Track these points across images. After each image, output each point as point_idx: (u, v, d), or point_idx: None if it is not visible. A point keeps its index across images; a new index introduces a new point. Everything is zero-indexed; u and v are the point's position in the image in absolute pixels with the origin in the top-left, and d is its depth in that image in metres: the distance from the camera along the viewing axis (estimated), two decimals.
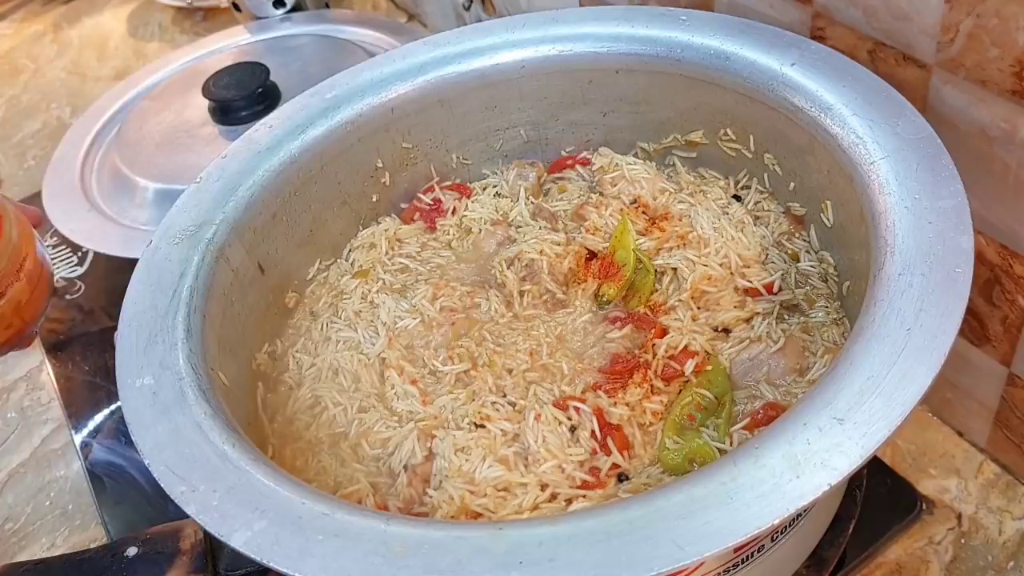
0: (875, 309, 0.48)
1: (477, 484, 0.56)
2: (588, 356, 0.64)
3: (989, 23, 0.55)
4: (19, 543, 0.83)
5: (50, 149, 1.11)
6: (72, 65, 1.56)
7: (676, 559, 0.40)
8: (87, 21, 1.68)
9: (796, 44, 0.65)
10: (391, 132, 0.76)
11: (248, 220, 0.67)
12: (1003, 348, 0.67)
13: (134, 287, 0.61)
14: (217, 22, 1.55)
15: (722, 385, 0.60)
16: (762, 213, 0.71)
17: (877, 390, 0.44)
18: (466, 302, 0.69)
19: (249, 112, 0.99)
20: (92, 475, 0.85)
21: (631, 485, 0.55)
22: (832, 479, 0.42)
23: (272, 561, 0.43)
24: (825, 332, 0.62)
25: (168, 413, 0.52)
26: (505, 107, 0.78)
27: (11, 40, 1.68)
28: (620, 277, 0.68)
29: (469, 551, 0.42)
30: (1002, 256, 0.63)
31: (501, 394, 0.62)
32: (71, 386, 0.96)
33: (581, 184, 0.79)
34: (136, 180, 0.99)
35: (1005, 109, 0.57)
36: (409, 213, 0.79)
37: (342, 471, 0.60)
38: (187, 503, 0.47)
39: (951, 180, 0.53)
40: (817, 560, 0.65)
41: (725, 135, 0.72)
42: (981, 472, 0.74)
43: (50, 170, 1.05)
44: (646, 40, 0.71)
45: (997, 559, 0.68)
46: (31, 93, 1.51)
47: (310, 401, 0.65)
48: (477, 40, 0.75)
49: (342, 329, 0.69)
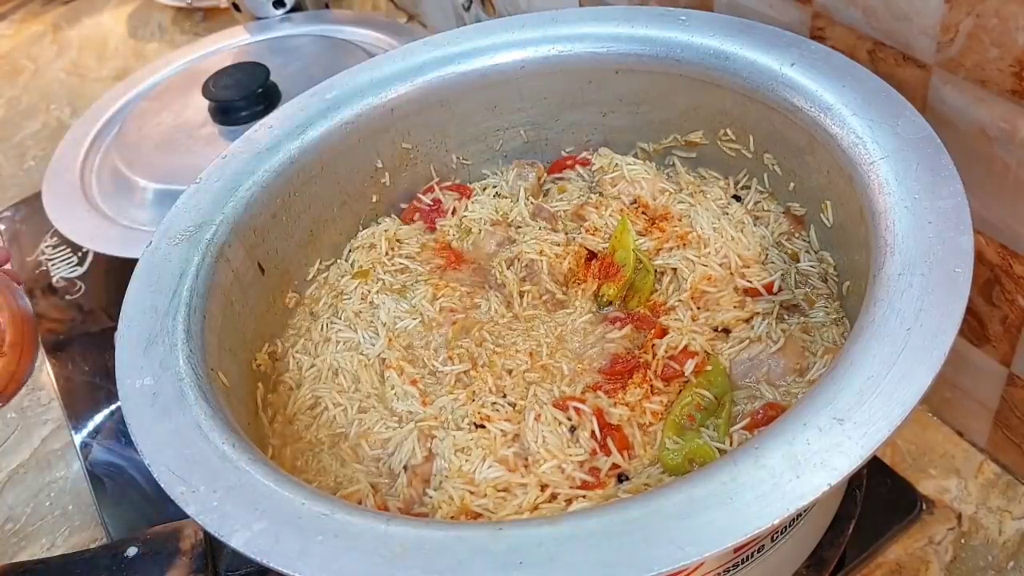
0: (875, 309, 0.48)
1: (477, 484, 0.56)
2: (588, 356, 0.64)
3: (989, 23, 0.55)
4: (19, 543, 0.83)
5: (50, 149, 1.11)
6: (72, 66, 1.56)
7: (676, 559, 0.40)
8: (87, 21, 1.68)
9: (796, 44, 0.65)
10: (391, 132, 0.76)
11: (248, 220, 0.67)
12: (1003, 348, 0.67)
13: (134, 287, 0.61)
14: (217, 22, 1.55)
15: (722, 385, 0.60)
16: (762, 213, 0.71)
17: (877, 390, 0.44)
18: (466, 302, 0.69)
19: (249, 112, 1.00)
20: (92, 475, 0.85)
21: (631, 485, 0.55)
22: (832, 479, 0.42)
23: (272, 561, 0.43)
24: (825, 332, 0.62)
25: (168, 413, 0.52)
26: (505, 107, 0.78)
27: (11, 40, 1.68)
28: (620, 277, 0.68)
29: (469, 551, 0.42)
30: (1002, 256, 0.63)
31: (501, 394, 0.62)
32: (71, 386, 0.96)
33: (581, 184, 0.79)
34: (136, 180, 0.99)
35: (1005, 109, 0.57)
36: (409, 213, 0.79)
37: (342, 471, 0.60)
38: (187, 503, 0.47)
39: (951, 180, 0.53)
40: (817, 560, 0.65)
41: (725, 135, 0.72)
42: (981, 472, 0.74)
43: (50, 170, 1.05)
44: (646, 40, 0.71)
45: (997, 559, 0.68)
46: (31, 93, 1.51)
47: (310, 401, 0.65)
48: (477, 40, 0.75)
49: (342, 330, 0.69)
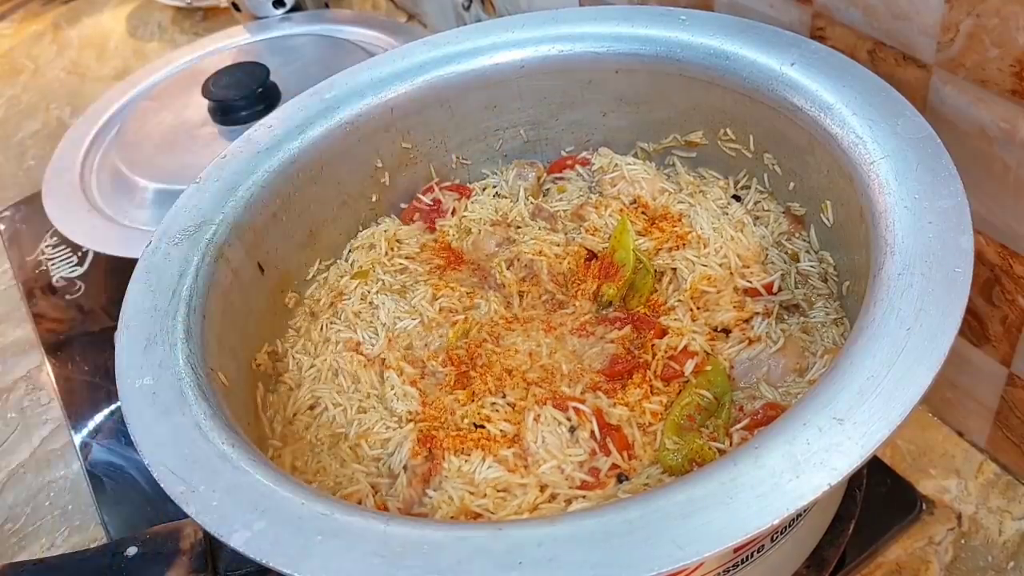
0: (875, 309, 0.48)
1: (477, 484, 0.56)
2: (588, 357, 0.64)
3: (989, 23, 0.55)
4: (19, 543, 0.83)
5: (50, 149, 1.11)
6: (72, 65, 1.56)
7: (676, 559, 0.40)
8: (87, 21, 1.68)
9: (796, 44, 0.65)
10: (391, 132, 0.76)
11: (248, 220, 0.67)
12: (1003, 348, 0.67)
13: (134, 287, 0.61)
14: (217, 22, 1.55)
15: (722, 385, 0.60)
16: (762, 213, 0.71)
17: (877, 390, 0.44)
18: (466, 303, 0.69)
19: (249, 112, 1.00)
20: (92, 475, 0.85)
21: (631, 485, 0.55)
22: (832, 479, 0.42)
23: (272, 561, 0.43)
24: (825, 332, 0.62)
25: (168, 413, 0.52)
26: (505, 107, 0.78)
27: (11, 40, 1.68)
28: (620, 277, 0.68)
29: (469, 551, 0.42)
30: (1002, 256, 0.63)
31: (501, 395, 0.62)
32: (71, 386, 0.96)
33: (581, 184, 0.79)
34: (136, 180, 0.99)
35: (1005, 109, 0.57)
36: (409, 213, 0.79)
37: (342, 472, 0.60)
38: (187, 503, 0.47)
39: (951, 180, 0.53)
40: (817, 560, 0.65)
41: (725, 135, 0.72)
42: (981, 472, 0.74)
43: (50, 170, 1.05)
44: (646, 40, 0.71)
45: (997, 559, 0.68)
46: (31, 93, 1.51)
47: (310, 402, 0.65)
48: (477, 40, 0.75)
49: (342, 330, 0.69)
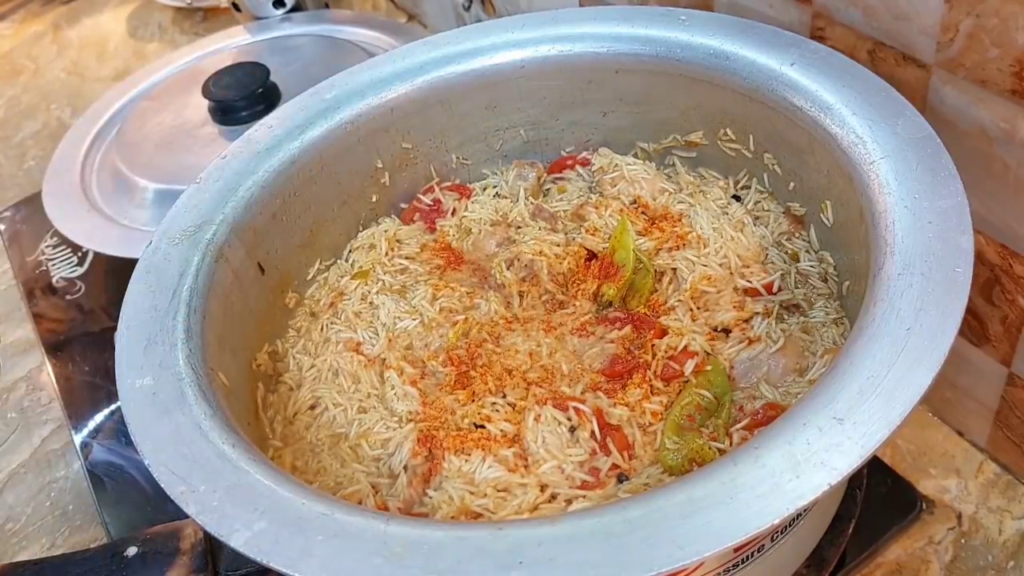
0: (875, 309, 0.48)
1: (477, 484, 0.56)
2: (588, 357, 0.64)
3: (989, 23, 0.55)
4: (19, 543, 0.83)
5: (50, 149, 1.11)
6: (72, 65, 1.56)
7: (676, 559, 0.40)
8: (87, 21, 1.68)
9: (796, 44, 0.65)
10: (391, 132, 0.76)
11: (248, 220, 0.67)
12: (1003, 348, 0.67)
13: (134, 287, 0.61)
14: (217, 22, 1.55)
15: (722, 385, 0.60)
16: (762, 213, 0.71)
17: (877, 390, 0.44)
18: (466, 303, 0.69)
19: (249, 112, 1.00)
20: (92, 475, 0.85)
21: (631, 485, 0.55)
22: (832, 479, 0.42)
23: (272, 561, 0.43)
24: (825, 332, 0.62)
25: (168, 413, 0.52)
26: (505, 107, 0.78)
27: (11, 40, 1.68)
28: (620, 277, 0.68)
29: (469, 551, 0.42)
30: (1002, 256, 0.63)
31: (501, 395, 0.62)
32: (71, 386, 0.96)
33: (581, 184, 0.79)
34: (136, 180, 0.99)
35: (1005, 109, 0.57)
36: (409, 214, 0.79)
37: (342, 472, 0.60)
38: (187, 503, 0.47)
39: (951, 180, 0.53)
40: (817, 560, 0.65)
41: (725, 135, 0.72)
42: (981, 472, 0.74)
43: (50, 170, 1.05)
44: (646, 40, 0.71)
45: (997, 559, 0.68)
46: (31, 93, 1.51)
47: (310, 402, 0.65)
48: (477, 40, 0.75)
49: (342, 330, 0.69)
